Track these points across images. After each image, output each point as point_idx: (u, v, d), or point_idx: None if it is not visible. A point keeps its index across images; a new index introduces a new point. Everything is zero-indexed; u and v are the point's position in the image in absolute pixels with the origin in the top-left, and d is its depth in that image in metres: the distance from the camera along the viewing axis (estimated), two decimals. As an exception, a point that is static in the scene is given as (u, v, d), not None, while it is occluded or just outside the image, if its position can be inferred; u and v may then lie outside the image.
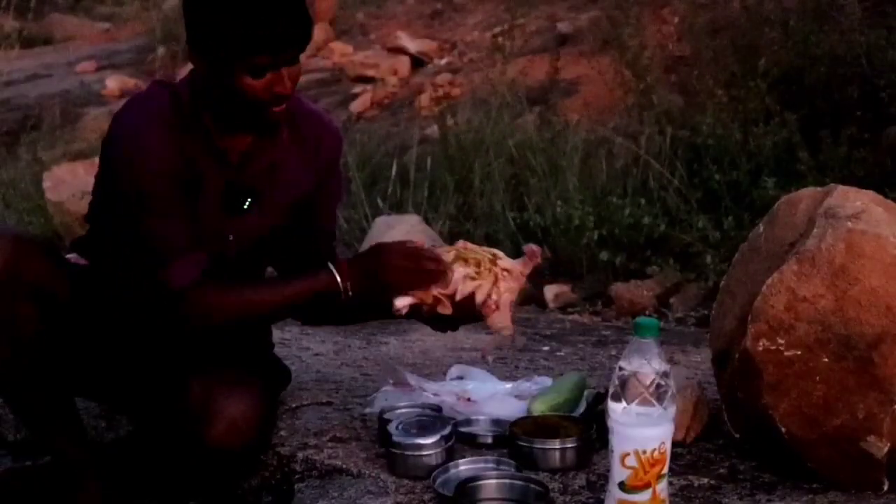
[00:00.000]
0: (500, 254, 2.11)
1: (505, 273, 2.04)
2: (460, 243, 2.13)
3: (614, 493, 1.71)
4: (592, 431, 2.02)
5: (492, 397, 2.27)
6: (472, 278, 2.02)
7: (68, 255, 2.19)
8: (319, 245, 2.22)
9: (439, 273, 2.01)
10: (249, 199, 2.10)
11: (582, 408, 2.21)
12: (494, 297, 2.02)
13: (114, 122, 2.04)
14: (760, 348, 1.84)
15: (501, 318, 2.04)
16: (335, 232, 2.29)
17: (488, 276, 2.03)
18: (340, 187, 2.31)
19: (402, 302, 2.01)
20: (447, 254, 2.05)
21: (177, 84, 2.08)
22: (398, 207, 5.47)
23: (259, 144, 2.08)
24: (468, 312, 2.04)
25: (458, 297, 2.01)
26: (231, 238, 2.08)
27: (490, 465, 1.99)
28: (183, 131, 2.00)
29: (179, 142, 1.99)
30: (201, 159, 2.02)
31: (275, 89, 1.95)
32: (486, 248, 2.12)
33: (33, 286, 1.96)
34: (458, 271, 2.01)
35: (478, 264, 2.03)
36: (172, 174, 1.98)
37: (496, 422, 2.16)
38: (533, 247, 2.12)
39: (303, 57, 1.99)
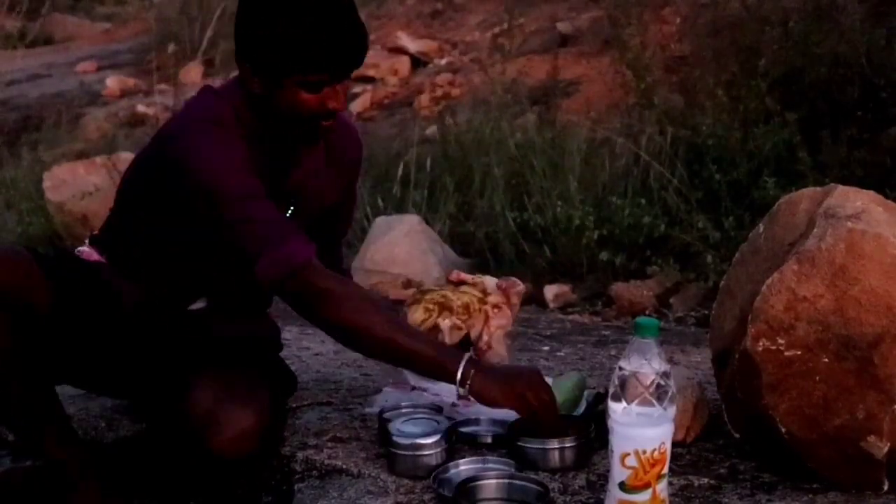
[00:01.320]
0: (489, 284, 2.10)
1: (495, 310, 2.04)
2: (454, 275, 2.12)
3: (614, 493, 1.71)
4: (592, 431, 2.02)
5: (492, 397, 2.27)
6: (459, 328, 2.02)
7: (80, 249, 2.19)
8: (333, 248, 2.24)
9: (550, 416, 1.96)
10: (292, 208, 2.11)
11: (582, 408, 2.20)
12: (486, 337, 2.03)
13: (179, 124, 2.04)
14: (760, 348, 1.83)
15: (494, 355, 2.06)
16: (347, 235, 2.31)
17: (478, 316, 2.03)
18: (356, 192, 2.34)
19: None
20: (432, 304, 2.04)
21: (232, 94, 2.07)
22: (398, 208, 5.48)
23: (301, 154, 2.11)
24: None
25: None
26: None
27: (490, 465, 1.99)
28: (245, 139, 2.01)
29: (244, 148, 2.00)
30: (259, 167, 2.01)
31: (329, 105, 1.95)
32: (477, 278, 2.10)
33: (6, 295, 1.91)
34: (445, 324, 2.02)
35: (466, 308, 2.03)
36: (250, 167, 1.97)
37: (496, 422, 2.15)
38: (505, 282, 2.13)
39: None
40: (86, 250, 2.19)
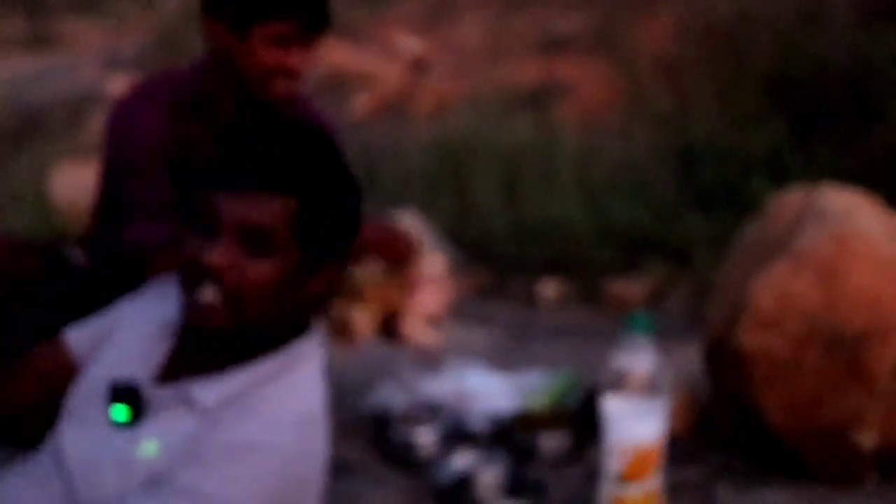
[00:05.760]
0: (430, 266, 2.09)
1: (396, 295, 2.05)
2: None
3: (608, 486, 1.73)
4: (587, 426, 2.04)
5: (489, 392, 2.29)
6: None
7: (74, 251, 2.21)
8: None
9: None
10: None
11: (576, 402, 2.22)
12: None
13: (112, 106, 2.10)
14: (751, 344, 1.86)
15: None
16: None
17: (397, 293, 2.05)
18: None
19: None
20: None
21: (178, 70, 2.10)
22: (395, 207, 5.48)
23: None
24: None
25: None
26: None
27: (486, 458, 1.99)
28: (180, 112, 2.01)
29: (174, 122, 2.00)
30: (199, 141, 2.01)
31: (288, 60, 1.90)
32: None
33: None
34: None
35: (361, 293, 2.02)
36: (159, 147, 1.97)
37: (493, 416, 2.18)
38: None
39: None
40: (75, 250, 2.21)
